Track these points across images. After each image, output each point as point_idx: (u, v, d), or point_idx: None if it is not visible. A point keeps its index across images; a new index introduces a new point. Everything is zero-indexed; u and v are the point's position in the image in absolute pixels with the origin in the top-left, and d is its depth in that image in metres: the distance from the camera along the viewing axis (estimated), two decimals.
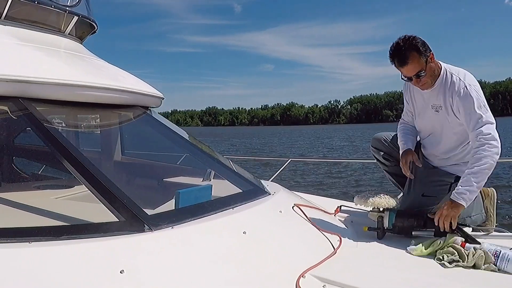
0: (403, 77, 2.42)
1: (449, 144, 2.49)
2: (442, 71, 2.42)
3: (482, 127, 2.23)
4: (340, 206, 2.89)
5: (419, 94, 2.58)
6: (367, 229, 2.41)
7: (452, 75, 2.40)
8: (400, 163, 2.62)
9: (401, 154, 2.63)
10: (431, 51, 2.36)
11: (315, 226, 2.19)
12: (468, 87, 2.33)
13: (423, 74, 2.34)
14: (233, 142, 45.95)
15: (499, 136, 2.28)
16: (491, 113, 2.30)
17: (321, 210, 2.61)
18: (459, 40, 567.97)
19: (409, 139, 2.68)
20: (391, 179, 2.95)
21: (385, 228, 2.40)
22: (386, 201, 2.44)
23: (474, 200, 2.34)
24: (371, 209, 2.50)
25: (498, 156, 2.22)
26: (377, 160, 2.96)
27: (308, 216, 2.27)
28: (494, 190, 2.55)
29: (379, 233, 2.39)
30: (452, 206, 2.21)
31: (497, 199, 2.57)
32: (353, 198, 2.61)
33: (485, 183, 2.29)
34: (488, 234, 2.45)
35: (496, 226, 2.56)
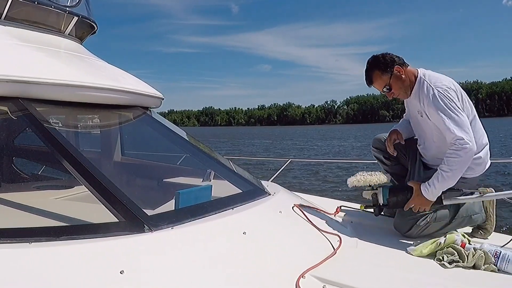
0: (381, 93, 2.63)
1: (437, 146, 2.53)
2: (417, 79, 2.50)
3: (451, 130, 2.31)
4: (340, 206, 2.89)
5: (406, 101, 2.71)
6: (363, 207, 2.51)
7: (424, 82, 2.47)
8: (386, 141, 2.77)
9: (388, 133, 2.76)
10: (401, 64, 2.52)
11: (315, 227, 2.19)
12: (435, 92, 2.39)
13: (387, 88, 2.54)
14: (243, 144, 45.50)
15: (485, 132, 2.48)
16: (462, 114, 2.35)
17: (321, 210, 2.61)
18: (457, 41, 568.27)
19: (401, 125, 2.80)
20: (392, 179, 2.95)
21: (380, 204, 2.48)
22: (377, 177, 2.52)
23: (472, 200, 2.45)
24: (365, 189, 2.57)
25: (471, 153, 2.29)
26: (378, 160, 2.97)
27: (308, 217, 2.27)
28: (494, 191, 2.55)
29: (376, 210, 2.47)
30: (420, 198, 2.37)
31: (496, 200, 2.57)
32: (346, 181, 2.64)
33: (485, 184, 2.45)
34: (489, 234, 2.46)
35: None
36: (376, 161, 3.05)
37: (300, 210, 2.32)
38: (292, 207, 2.33)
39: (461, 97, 2.44)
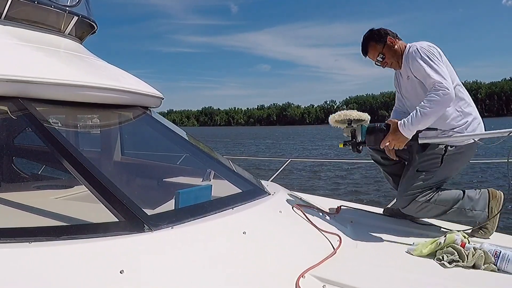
0: (374, 63, 2.80)
1: None
2: (406, 47, 2.69)
3: (431, 76, 2.42)
4: (340, 206, 2.89)
5: (399, 76, 2.80)
6: (342, 145, 2.60)
7: (410, 46, 2.65)
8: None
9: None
10: (394, 36, 2.73)
11: (315, 226, 2.19)
12: (418, 47, 2.56)
13: (381, 56, 2.72)
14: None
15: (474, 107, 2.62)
16: (442, 65, 2.47)
17: (321, 210, 2.61)
18: (456, 40, 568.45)
19: (396, 115, 2.85)
20: (388, 179, 2.96)
21: (358, 141, 2.56)
22: (357, 113, 2.63)
23: (479, 196, 2.57)
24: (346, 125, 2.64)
25: (449, 97, 2.36)
26: (376, 161, 2.96)
27: (307, 216, 2.27)
28: (502, 194, 2.57)
29: (353, 146, 2.56)
30: (396, 134, 2.44)
31: (503, 203, 2.56)
32: (328, 119, 2.72)
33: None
34: (489, 234, 2.46)
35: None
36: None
37: (300, 209, 2.32)
38: (292, 207, 2.33)
39: (443, 60, 2.54)
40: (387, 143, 2.46)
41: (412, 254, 2.08)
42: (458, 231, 2.25)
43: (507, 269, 1.84)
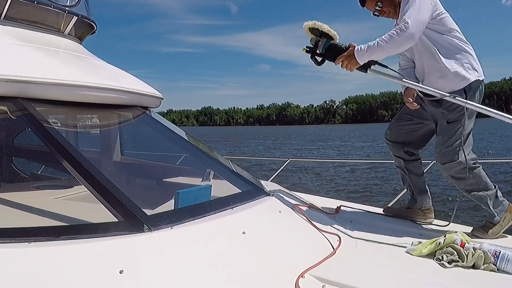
0: (372, 14, 2.80)
1: (428, 59, 2.62)
2: None
3: (405, 13, 2.45)
4: (340, 206, 2.89)
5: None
6: (304, 50, 2.67)
7: None
8: (404, 99, 2.81)
9: (403, 91, 2.83)
10: None
11: (315, 226, 2.19)
12: None
13: (379, 5, 2.72)
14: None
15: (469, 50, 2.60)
16: (425, 11, 2.48)
17: (321, 210, 2.61)
18: None
19: (404, 73, 2.75)
20: (404, 178, 2.92)
21: (318, 51, 2.64)
22: (329, 28, 2.64)
23: (502, 200, 2.58)
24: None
25: (408, 36, 2.40)
26: (397, 156, 2.90)
27: (307, 216, 2.27)
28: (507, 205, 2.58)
29: (312, 54, 2.66)
30: (350, 56, 2.51)
31: None
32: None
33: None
34: (492, 235, 2.45)
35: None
36: (373, 161, 3.04)
37: (300, 209, 2.32)
38: (292, 207, 2.33)
39: (437, 7, 2.58)
40: (341, 62, 2.55)
41: (411, 254, 2.08)
42: (457, 231, 2.25)
43: (507, 269, 1.84)
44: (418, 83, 2.67)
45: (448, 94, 2.42)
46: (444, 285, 1.73)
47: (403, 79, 2.57)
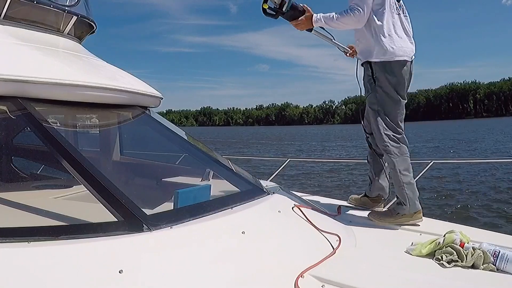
0: None
1: (359, 32, 3.04)
2: None
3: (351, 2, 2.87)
4: (340, 206, 2.90)
5: None
6: (267, 6, 2.95)
7: None
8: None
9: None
10: None
11: (314, 226, 2.19)
12: None
13: None
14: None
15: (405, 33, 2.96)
16: None
17: (320, 210, 2.61)
18: (455, 40, 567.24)
19: None
20: (371, 164, 3.17)
21: (282, 10, 2.96)
22: None
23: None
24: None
25: (359, 17, 2.85)
26: (370, 144, 3.13)
27: (307, 216, 2.27)
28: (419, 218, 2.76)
29: (276, 12, 2.96)
30: (307, 19, 2.96)
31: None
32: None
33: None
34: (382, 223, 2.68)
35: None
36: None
37: (299, 209, 2.32)
38: (291, 207, 2.33)
39: None
40: (296, 23, 2.99)
41: (411, 254, 2.08)
42: (456, 231, 2.25)
43: (506, 269, 1.85)
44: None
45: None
46: (443, 285, 1.73)
47: (333, 40, 3.25)
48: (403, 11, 3.07)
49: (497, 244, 2.01)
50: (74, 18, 2.75)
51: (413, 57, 3.00)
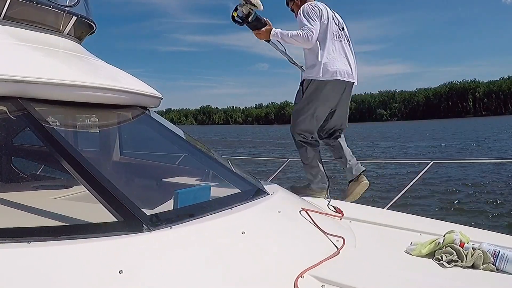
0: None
1: (305, 51, 3.64)
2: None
3: (304, 22, 3.48)
4: (339, 206, 2.90)
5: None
6: (236, 14, 3.49)
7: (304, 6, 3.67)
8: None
9: None
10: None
11: (314, 226, 2.19)
12: (305, 5, 3.62)
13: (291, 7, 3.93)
14: None
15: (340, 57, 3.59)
16: (316, 22, 3.49)
17: (320, 210, 2.61)
18: (455, 39, 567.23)
19: None
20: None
21: (248, 20, 3.51)
22: (258, 2, 3.46)
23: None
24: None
25: (309, 37, 3.42)
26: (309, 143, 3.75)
27: (306, 216, 2.27)
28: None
29: (243, 20, 3.51)
30: (267, 31, 3.56)
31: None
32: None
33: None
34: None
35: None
36: (375, 161, 3.07)
37: (299, 209, 2.32)
38: (291, 207, 2.33)
39: (325, 17, 3.55)
40: (257, 33, 3.58)
41: (411, 254, 2.08)
42: (456, 231, 2.25)
43: (506, 269, 1.85)
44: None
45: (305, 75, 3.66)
46: (443, 285, 1.73)
47: (286, 53, 3.83)
48: (346, 39, 3.70)
49: (497, 244, 2.01)
50: (74, 18, 2.75)
51: (353, 81, 3.65)
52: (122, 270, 1.37)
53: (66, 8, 2.70)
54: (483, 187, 11.86)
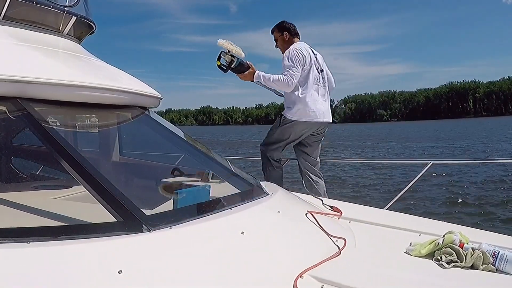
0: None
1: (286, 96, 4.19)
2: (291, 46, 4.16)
3: (286, 67, 3.94)
4: (339, 206, 2.89)
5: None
6: (219, 63, 3.86)
7: (291, 47, 4.11)
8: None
9: None
10: (292, 34, 4.27)
11: (314, 226, 2.19)
12: (291, 49, 4.04)
13: (275, 40, 4.34)
14: None
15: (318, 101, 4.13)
16: (299, 68, 3.94)
17: (320, 210, 2.61)
18: (455, 40, 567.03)
19: None
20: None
21: (232, 67, 3.91)
22: (239, 51, 3.88)
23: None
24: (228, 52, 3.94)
25: (290, 83, 3.91)
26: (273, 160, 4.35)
27: (306, 216, 2.27)
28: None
29: (227, 67, 3.92)
30: (250, 74, 4.04)
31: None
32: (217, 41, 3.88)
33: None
34: None
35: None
36: (375, 161, 3.08)
37: (299, 210, 2.32)
38: (291, 207, 2.33)
39: (307, 64, 3.99)
40: (241, 76, 4.02)
41: (410, 255, 2.08)
42: (456, 232, 2.25)
43: (506, 269, 1.85)
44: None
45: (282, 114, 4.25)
46: (443, 286, 1.74)
47: (270, 89, 4.16)
48: (323, 81, 4.11)
49: (496, 244, 2.01)
50: (74, 18, 2.75)
51: (328, 120, 4.16)
52: (121, 270, 1.37)
53: (65, 8, 2.70)
54: (483, 187, 11.87)
